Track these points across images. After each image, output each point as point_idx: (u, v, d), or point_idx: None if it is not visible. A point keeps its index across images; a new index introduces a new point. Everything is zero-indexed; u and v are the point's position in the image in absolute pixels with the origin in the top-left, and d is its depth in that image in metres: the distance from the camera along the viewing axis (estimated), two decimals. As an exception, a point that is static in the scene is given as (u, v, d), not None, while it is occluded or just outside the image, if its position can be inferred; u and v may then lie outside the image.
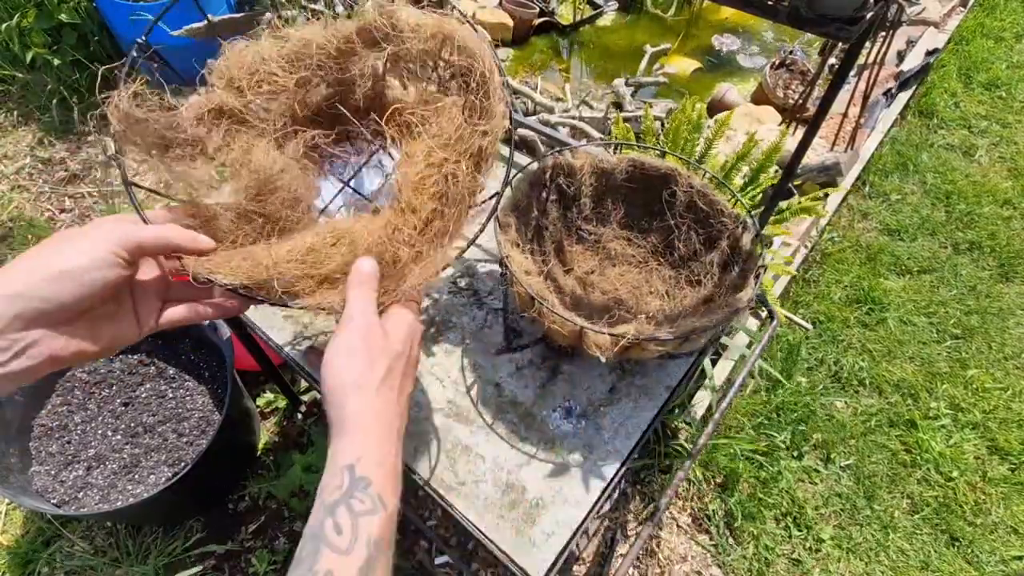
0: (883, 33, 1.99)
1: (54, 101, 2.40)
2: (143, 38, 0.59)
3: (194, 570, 1.36)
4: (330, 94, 0.66)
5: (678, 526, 1.56)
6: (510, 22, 2.97)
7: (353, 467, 0.44)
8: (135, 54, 0.58)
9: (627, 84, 2.63)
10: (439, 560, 1.45)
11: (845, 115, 2.28)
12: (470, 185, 0.59)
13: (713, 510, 1.56)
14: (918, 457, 1.69)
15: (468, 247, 0.60)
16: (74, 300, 0.43)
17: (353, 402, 0.47)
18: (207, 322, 1.38)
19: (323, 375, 0.48)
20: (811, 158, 2.19)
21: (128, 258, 0.46)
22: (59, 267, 0.42)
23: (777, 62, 2.65)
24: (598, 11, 3.27)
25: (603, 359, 0.75)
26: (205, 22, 0.74)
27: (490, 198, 0.64)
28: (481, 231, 0.61)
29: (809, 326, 1.96)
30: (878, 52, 2.01)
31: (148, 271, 0.52)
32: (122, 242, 0.45)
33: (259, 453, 1.59)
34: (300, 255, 0.53)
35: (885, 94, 2.62)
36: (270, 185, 0.57)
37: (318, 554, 0.40)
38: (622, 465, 0.83)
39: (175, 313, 0.53)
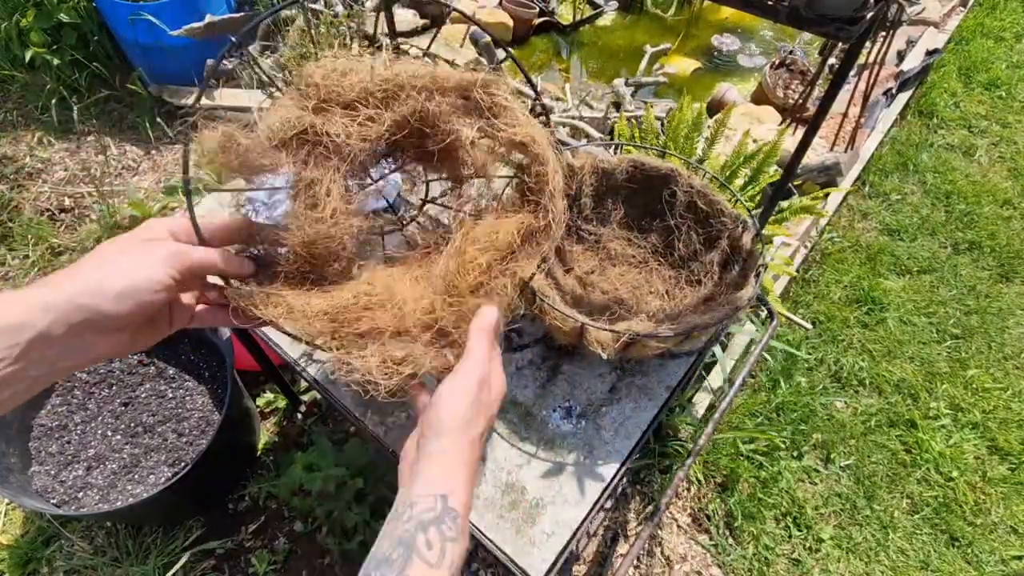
0: (883, 33, 1.99)
1: (54, 101, 2.40)
2: (236, 39, 0.58)
3: (182, 560, 1.36)
4: (406, 129, 0.61)
5: (678, 526, 1.56)
6: (510, 22, 2.97)
7: (446, 498, 0.48)
8: (229, 49, 0.57)
9: (627, 84, 2.63)
10: (439, 560, 1.44)
11: (845, 115, 2.28)
12: (511, 301, 0.60)
13: (713, 510, 1.56)
14: (918, 457, 1.69)
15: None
16: (129, 315, 0.47)
17: (453, 440, 0.51)
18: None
19: (435, 403, 0.53)
20: (811, 158, 2.19)
21: (180, 279, 0.49)
22: (121, 286, 0.46)
23: (777, 62, 2.65)
24: (598, 11, 3.27)
25: (604, 356, 0.75)
26: (204, 22, 0.74)
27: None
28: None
29: (809, 326, 1.96)
30: (878, 52, 2.01)
31: (188, 283, 0.55)
32: (177, 264, 0.49)
33: (259, 453, 1.59)
34: (332, 314, 0.54)
35: (885, 94, 2.62)
36: (327, 243, 0.55)
37: (410, 561, 0.45)
38: (622, 465, 0.83)
39: (205, 317, 0.57)
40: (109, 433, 1.33)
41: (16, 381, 0.43)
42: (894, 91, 2.70)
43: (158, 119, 2.39)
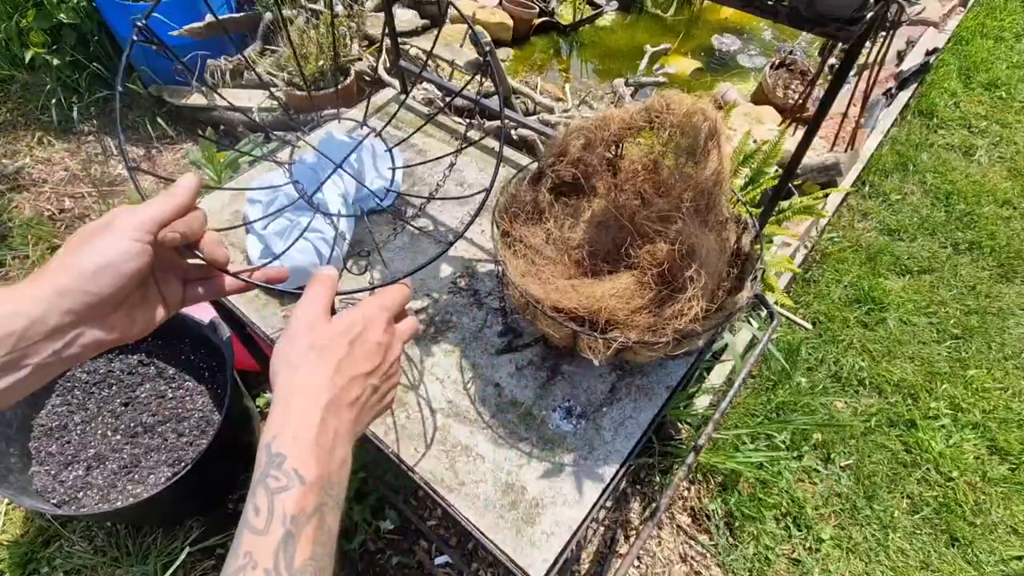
0: (883, 33, 1.99)
1: (53, 101, 2.40)
2: (142, 21, 0.58)
3: (181, 557, 1.35)
4: None
5: (678, 526, 1.56)
6: (510, 22, 2.97)
7: (269, 445, 0.44)
8: (135, 38, 0.57)
9: (627, 84, 2.63)
10: (439, 560, 1.45)
11: (845, 115, 2.28)
12: None
13: (713, 510, 1.56)
14: (918, 457, 1.69)
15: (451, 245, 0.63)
16: (113, 292, 0.47)
17: (279, 380, 0.49)
18: (207, 321, 1.38)
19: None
20: (811, 158, 2.19)
21: (151, 240, 0.49)
22: (96, 263, 0.46)
23: (777, 62, 2.65)
24: (598, 11, 3.27)
25: (596, 362, 0.75)
26: (205, 22, 0.74)
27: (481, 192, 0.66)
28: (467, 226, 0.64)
29: (809, 326, 1.96)
30: (878, 52, 2.01)
31: (166, 257, 0.54)
32: (142, 225, 0.48)
33: (259, 453, 1.59)
34: None
35: (885, 94, 2.62)
36: None
37: (240, 537, 0.41)
38: (622, 465, 0.83)
39: (196, 293, 0.57)
40: (109, 433, 1.33)
41: (12, 369, 0.43)
42: (894, 90, 2.70)
43: (158, 119, 2.39)
